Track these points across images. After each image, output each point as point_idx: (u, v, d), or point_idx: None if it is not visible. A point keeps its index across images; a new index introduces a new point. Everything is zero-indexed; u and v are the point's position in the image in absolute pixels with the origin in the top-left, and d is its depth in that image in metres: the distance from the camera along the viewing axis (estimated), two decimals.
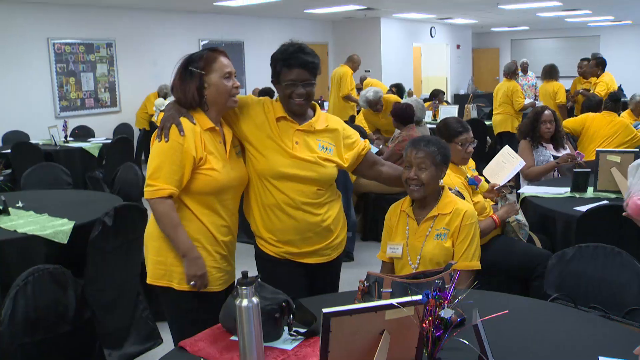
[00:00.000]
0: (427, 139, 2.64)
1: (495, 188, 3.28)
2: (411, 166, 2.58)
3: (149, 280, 2.36)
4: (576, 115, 6.92)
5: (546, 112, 4.63)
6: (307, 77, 2.39)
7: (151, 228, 2.37)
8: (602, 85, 7.83)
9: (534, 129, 4.63)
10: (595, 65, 8.16)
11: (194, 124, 2.29)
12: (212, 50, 2.34)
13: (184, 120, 2.27)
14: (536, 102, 8.61)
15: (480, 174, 3.46)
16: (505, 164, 3.44)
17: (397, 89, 9.29)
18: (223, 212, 2.36)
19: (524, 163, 3.48)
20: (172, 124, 2.26)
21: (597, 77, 8.17)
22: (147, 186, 2.24)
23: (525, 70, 10.51)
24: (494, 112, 8.40)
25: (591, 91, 7.98)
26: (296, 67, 2.38)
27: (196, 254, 2.27)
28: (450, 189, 2.75)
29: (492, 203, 3.36)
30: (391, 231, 2.71)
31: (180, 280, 2.29)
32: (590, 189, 3.91)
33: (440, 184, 2.62)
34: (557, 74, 8.37)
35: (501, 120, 8.18)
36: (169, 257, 2.30)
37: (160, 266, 2.32)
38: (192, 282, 2.26)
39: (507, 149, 3.53)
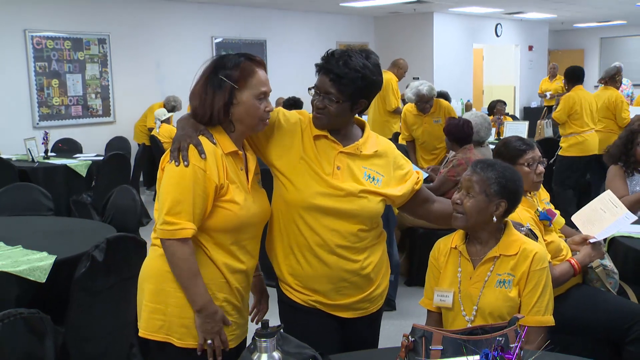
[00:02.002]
0: (491, 163, 2.65)
1: (589, 241, 3.20)
2: (461, 188, 2.62)
3: (142, 333, 2.35)
4: None
5: None
6: (328, 89, 2.39)
7: (148, 267, 2.37)
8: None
9: (627, 151, 4.58)
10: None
11: (215, 144, 2.28)
12: (250, 60, 2.33)
13: (203, 140, 2.26)
14: None
15: (567, 217, 3.40)
16: (605, 213, 3.33)
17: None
18: (241, 254, 2.36)
19: (634, 217, 3.37)
20: (189, 144, 2.23)
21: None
22: (164, 224, 2.20)
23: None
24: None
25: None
26: (320, 73, 2.43)
27: (214, 308, 2.27)
28: (520, 227, 2.74)
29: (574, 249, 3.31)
30: (438, 273, 2.70)
31: (182, 335, 2.29)
32: None
33: (494, 220, 2.60)
34: None
35: (602, 140, 7.98)
36: (169, 305, 2.29)
37: (158, 315, 2.30)
38: (209, 341, 2.26)
39: (608, 194, 3.43)
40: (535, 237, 2.79)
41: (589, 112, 7.52)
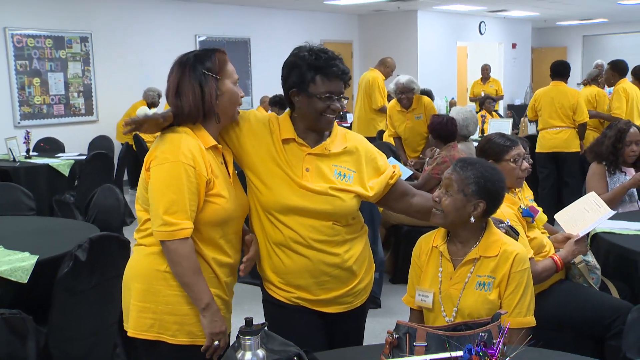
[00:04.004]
0: (471, 162, 2.64)
1: (573, 240, 3.22)
2: (442, 186, 2.62)
3: (131, 332, 2.35)
4: None
5: (632, 129, 4.58)
6: (342, 90, 2.47)
7: (135, 267, 2.38)
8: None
9: (617, 151, 4.59)
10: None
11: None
12: (218, 50, 2.38)
13: (189, 133, 2.30)
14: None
15: (550, 215, 3.41)
16: (589, 213, 3.37)
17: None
18: (227, 248, 2.40)
19: (613, 212, 3.41)
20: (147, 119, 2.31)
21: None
22: (164, 225, 2.20)
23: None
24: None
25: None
26: (335, 78, 2.44)
27: (217, 305, 2.30)
28: (499, 224, 2.74)
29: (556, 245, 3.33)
30: (420, 271, 2.70)
31: (175, 332, 2.30)
32: None
33: (471, 220, 2.58)
34: None
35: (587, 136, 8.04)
36: (159, 303, 2.30)
37: (148, 314, 2.31)
38: (216, 342, 2.27)
39: (592, 195, 3.47)
40: (516, 234, 2.79)
41: (554, 110, 7.43)
